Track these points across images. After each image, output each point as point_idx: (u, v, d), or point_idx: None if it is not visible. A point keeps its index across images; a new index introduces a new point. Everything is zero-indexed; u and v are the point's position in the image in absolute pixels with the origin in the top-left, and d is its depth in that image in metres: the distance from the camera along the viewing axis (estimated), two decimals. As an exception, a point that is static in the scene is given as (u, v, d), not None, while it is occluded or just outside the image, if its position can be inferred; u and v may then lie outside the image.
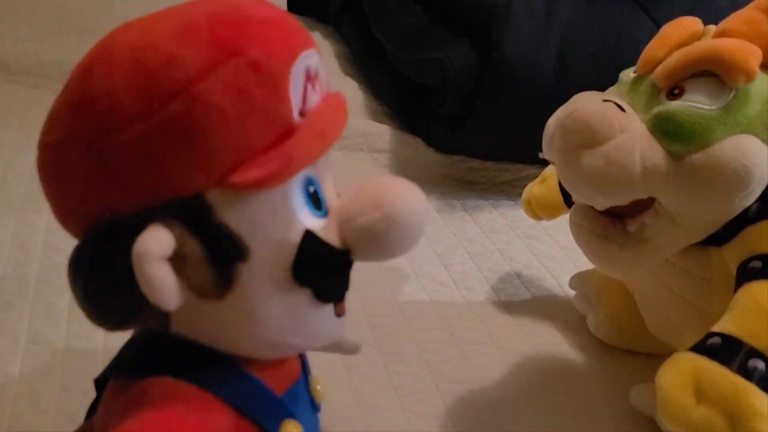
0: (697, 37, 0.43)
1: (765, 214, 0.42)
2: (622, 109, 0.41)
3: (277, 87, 0.28)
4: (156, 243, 0.25)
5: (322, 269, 0.30)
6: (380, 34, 0.93)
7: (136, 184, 0.27)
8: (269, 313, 0.29)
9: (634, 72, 0.45)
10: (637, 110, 0.42)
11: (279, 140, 0.28)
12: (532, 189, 0.61)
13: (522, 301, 0.63)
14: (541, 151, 0.45)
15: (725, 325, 0.39)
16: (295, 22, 0.30)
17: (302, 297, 0.30)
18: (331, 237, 0.30)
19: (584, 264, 0.61)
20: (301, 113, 0.29)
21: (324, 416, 0.48)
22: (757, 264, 0.41)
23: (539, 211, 0.60)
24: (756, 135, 0.40)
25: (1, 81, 0.92)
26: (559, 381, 0.53)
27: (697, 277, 0.45)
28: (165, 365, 0.29)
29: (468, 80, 0.76)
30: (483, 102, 0.76)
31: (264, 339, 0.30)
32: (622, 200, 0.42)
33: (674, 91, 0.41)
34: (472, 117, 0.77)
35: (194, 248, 0.27)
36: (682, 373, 0.37)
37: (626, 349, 0.56)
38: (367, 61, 0.99)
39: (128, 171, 0.27)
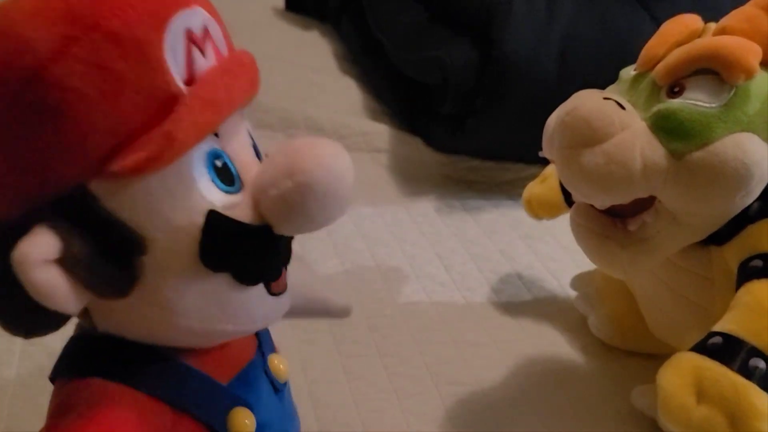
0: (697, 34, 0.43)
1: (766, 212, 0.42)
2: (622, 107, 0.41)
3: (146, 57, 0.25)
4: (35, 247, 0.24)
5: (236, 250, 0.27)
6: (380, 33, 0.92)
7: (10, 184, 0.25)
8: (186, 303, 0.27)
9: (635, 70, 0.44)
10: (637, 108, 0.42)
11: (163, 115, 0.25)
12: (533, 188, 0.61)
13: (523, 302, 0.62)
14: (541, 149, 0.44)
15: (726, 324, 0.38)
16: None
17: (221, 282, 0.27)
18: (246, 213, 0.28)
19: (586, 265, 0.60)
20: (189, 81, 0.26)
21: (323, 417, 0.48)
22: (758, 263, 0.40)
23: (540, 210, 0.60)
24: (756, 133, 0.39)
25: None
26: (559, 382, 0.53)
27: (699, 276, 0.45)
28: (96, 364, 0.28)
29: (468, 79, 0.75)
30: (484, 101, 0.75)
31: (190, 330, 0.28)
32: (622, 199, 0.41)
33: (674, 89, 0.41)
34: (473, 116, 0.77)
35: (84, 246, 0.24)
36: (683, 373, 0.37)
37: (627, 350, 0.56)
38: (367, 60, 0.99)
39: None
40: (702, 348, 0.38)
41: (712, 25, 0.43)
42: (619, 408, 0.50)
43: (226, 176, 0.28)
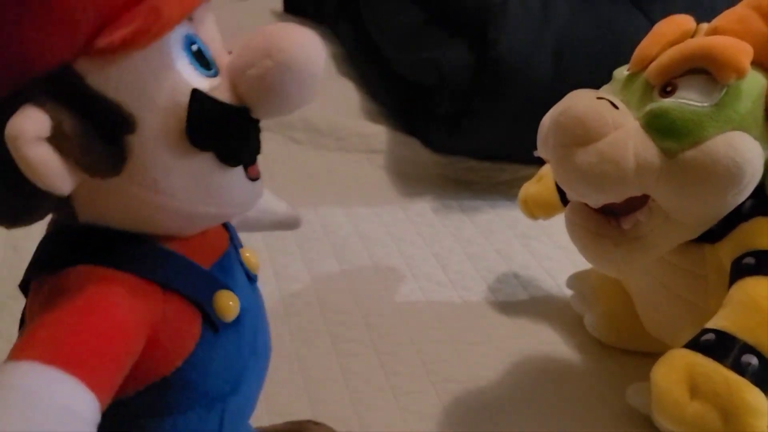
0: (690, 34, 0.43)
1: (758, 210, 0.42)
2: (616, 107, 0.41)
3: None
4: (28, 123, 0.24)
5: (219, 129, 0.29)
6: (377, 35, 0.93)
7: None
8: (173, 183, 0.28)
9: (628, 70, 0.45)
10: (630, 108, 0.42)
11: None
12: (529, 188, 0.61)
13: (519, 301, 0.63)
14: (536, 149, 0.45)
15: (719, 321, 0.39)
16: None
17: (205, 162, 0.28)
18: (225, 95, 0.29)
19: (582, 264, 0.61)
20: None
21: (320, 415, 0.48)
22: (751, 260, 0.41)
23: (536, 210, 0.60)
24: (747, 131, 0.40)
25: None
26: (555, 380, 0.53)
27: (693, 274, 0.45)
28: (81, 256, 0.28)
29: (464, 80, 0.76)
30: (480, 102, 0.76)
31: (174, 211, 0.29)
32: (615, 197, 0.42)
33: (667, 89, 0.41)
34: (469, 117, 0.77)
35: (73, 124, 0.25)
36: (677, 369, 0.37)
37: (623, 349, 0.56)
38: (364, 61, 0.99)
39: None
40: (695, 345, 0.38)
41: (705, 26, 0.44)
42: (614, 406, 0.51)
43: (201, 60, 0.28)
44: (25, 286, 0.32)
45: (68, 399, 0.25)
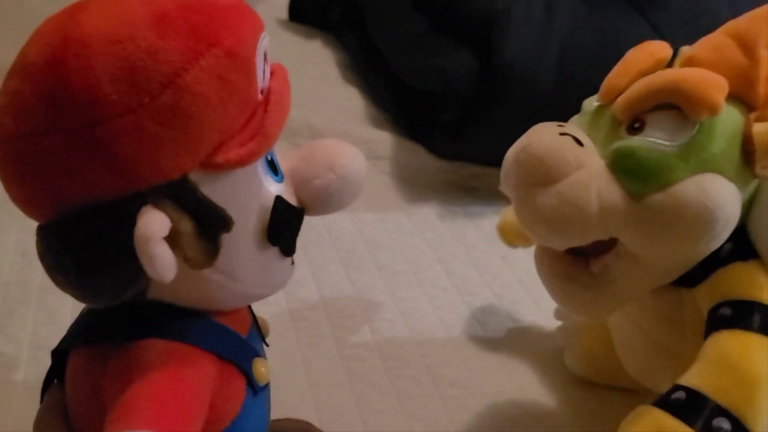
0: (664, 63, 0.40)
1: (737, 255, 0.39)
2: (580, 143, 0.39)
3: (248, 71, 0.30)
4: (157, 225, 0.28)
5: (290, 228, 0.34)
6: (381, 42, 0.93)
7: (127, 169, 0.28)
8: (247, 272, 0.33)
9: (597, 101, 0.42)
10: (597, 144, 0.40)
11: (249, 119, 0.31)
12: (507, 216, 0.57)
13: (524, 306, 0.63)
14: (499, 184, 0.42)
15: (691, 378, 0.36)
16: (248, 6, 0.32)
17: (273, 253, 0.34)
18: (291, 199, 0.34)
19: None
20: (261, 91, 0.32)
21: (325, 419, 0.48)
22: (727, 311, 0.38)
23: (514, 238, 0.57)
24: (722, 173, 0.37)
25: None
26: (560, 382, 0.54)
27: (670, 318, 0.43)
28: (151, 327, 0.32)
29: (468, 86, 0.76)
30: (483, 108, 0.76)
31: (241, 294, 0.34)
32: (578, 241, 0.39)
33: (635, 125, 0.39)
34: (473, 123, 0.77)
35: (187, 225, 0.29)
36: (646, 429, 0.35)
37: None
38: (368, 68, 1.00)
39: (119, 158, 0.28)
40: (665, 403, 0.36)
41: (686, 50, 0.41)
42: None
43: (273, 168, 0.34)
44: (60, 352, 0.35)
45: None
